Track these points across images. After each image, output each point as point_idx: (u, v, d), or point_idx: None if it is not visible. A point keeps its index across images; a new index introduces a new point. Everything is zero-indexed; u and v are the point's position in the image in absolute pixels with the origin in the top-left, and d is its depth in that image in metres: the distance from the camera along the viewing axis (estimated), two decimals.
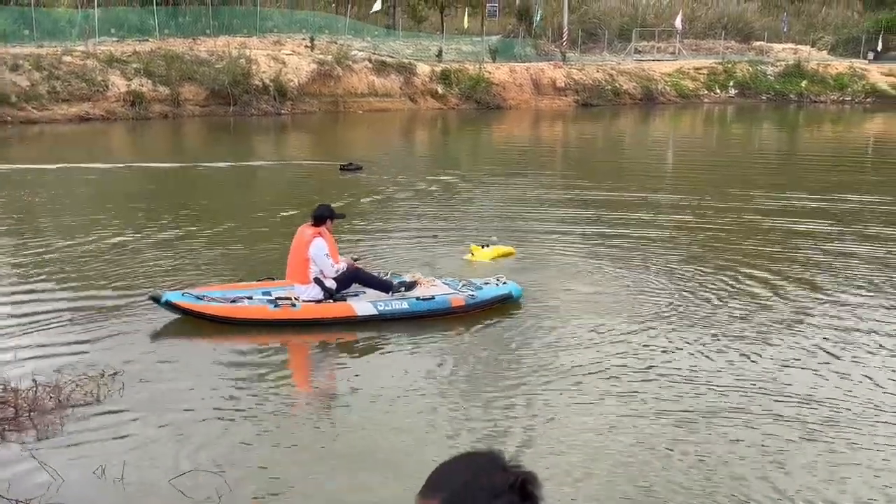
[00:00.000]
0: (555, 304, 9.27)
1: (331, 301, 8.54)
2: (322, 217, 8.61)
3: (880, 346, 8.02)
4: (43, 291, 9.35)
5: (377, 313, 8.43)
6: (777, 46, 54.71)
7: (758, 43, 55.91)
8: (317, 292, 8.51)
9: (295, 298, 8.43)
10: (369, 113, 35.28)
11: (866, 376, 7.20)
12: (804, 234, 12.82)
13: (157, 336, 8.04)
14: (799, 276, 10.34)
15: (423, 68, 38.90)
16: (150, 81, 31.12)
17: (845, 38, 57.03)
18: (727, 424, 6.25)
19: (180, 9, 38.81)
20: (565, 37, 47.08)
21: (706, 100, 45.63)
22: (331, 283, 8.56)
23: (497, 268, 10.21)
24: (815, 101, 46.08)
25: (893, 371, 7.38)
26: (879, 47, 54.04)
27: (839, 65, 49.24)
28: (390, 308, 8.50)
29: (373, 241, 12.10)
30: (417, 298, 8.64)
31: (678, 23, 50.57)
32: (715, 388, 6.93)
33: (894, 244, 12.17)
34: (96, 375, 6.82)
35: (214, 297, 8.38)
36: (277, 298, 8.45)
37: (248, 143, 26.25)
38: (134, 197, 16.00)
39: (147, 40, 34.87)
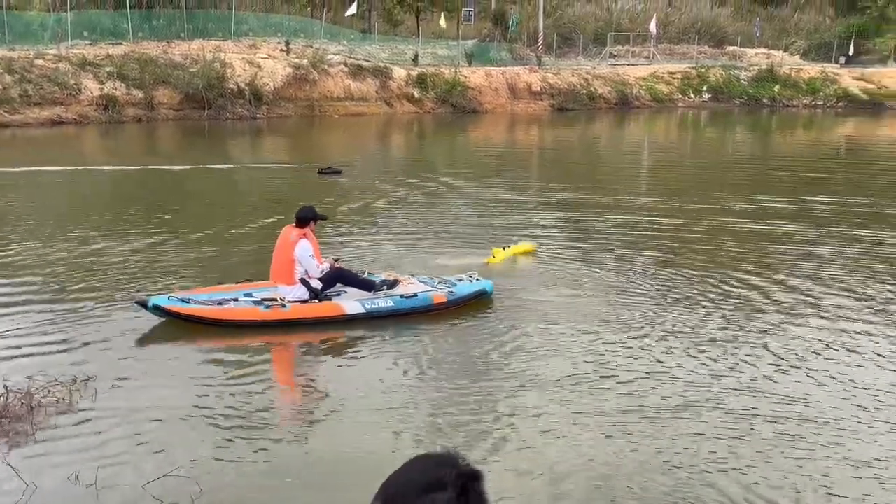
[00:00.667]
0: (531, 305, 9.29)
1: (316, 301, 8.59)
2: (306, 218, 8.65)
3: (856, 344, 8.14)
4: (13, 296, 9.24)
5: (365, 312, 8.54)
6: (750, 51, 55.26)
7: (731, 48, 56.45)
8: (302, 293, 8.57)
9: (281, 299, 8.44)
10: (345, 117, 35.22)
11: (842, 375, 7.30)
12: (778, 236, 12.98)
13: (129, 341, 7.97)
14: (773, 277, 10.43)
15: (398, 72, 38.89)
16: (123, 85, 30.89)
17: (817, 42, 57.68)
18: (697, 422, 6.30)
19: (154, 12, 38.58)
20: (541, 41, 47.26)
21: (680, 104, 45.97)
22: (316, 284, 8.63)
23: (467, 266, 10.23)
24: (788, 106, 46.56)
25: (870, 370, 7.48)
26: (851, 52, 54.73)
27: (811, 69, 49.79)
28: (377, 306, 8.63)
29: (349, 242, 12.08)
30: (401, 296, 8.79)
31: (652, 27, 50.94)
32: (688, 387, 6.98)
33: (866, 244, 12.37)
34: (69, 381, 6.75)
35: (200, 301, 8.34)
36: (263, 300, 8.46)
37: (223, 146, 26.11)
38: (108, 200, 15.88)
39: (120, 43, 34.60)
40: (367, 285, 8.90)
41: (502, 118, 38.35)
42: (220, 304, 8.37)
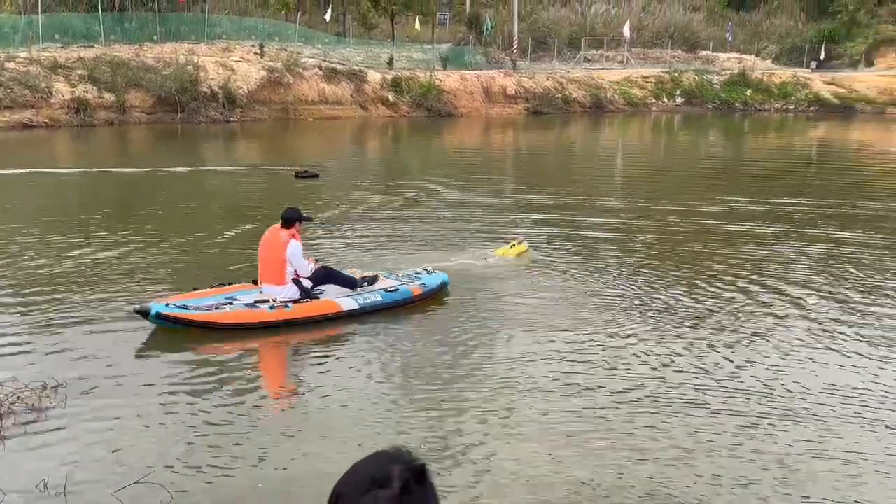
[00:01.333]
0: (503, 307, 9.31)
1: (308, 300, 8.64)
2: (292, 219, 8.71)
3: (827, 340, 8.25)
4: None
5: (358, 307, 8.76)
6: (722, 56, 55.77)
7: (704, 52, 56.94)
8: (294, 292, 8.63)
9: (273, 300, 8.45)
10: (320, 120, 35.14)
11: (815, 370, 7.37)
12: (750, 236, 13.14)
13: (100, 347, 7.86)
14: (745, 276, 10.52)
15: (373, 76, 38.86)
16: (95, 88, 30.63)
17: (789, 47, 58.35)
18: (669, 421, 6.33)
19: (126, 15, 38.28)
20: (515, 45, 47.42)
21: (654, 108, 46.32)
22: (307, 283, 8.74)
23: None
24: (760, 110, 47.05)
25: (840, 364, 7.59)
26: (822, 57, 55.38)
27: (783, 74, 50.36)
28: (368, 301, 8.86)
29: (327, 243, 12.01)
30: (385, 290, 9.08)
31: (626, 32, 51.29)
32: (658, 382, 7.01)
33: (835, 244, 12.54)
34: (38, 387, 6.66)
35: (199, 306, 8.24)
36: (256, 301, 8.46)
37: (197, 149, 25.93)
38: (79, 204, 15.71)
39: (92, 46, 34.27)
40: (351, 283, 9.07)
41: (477, 122, 38.42)
42: (217, 308, 8.28)
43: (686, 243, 12.74)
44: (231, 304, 8.44)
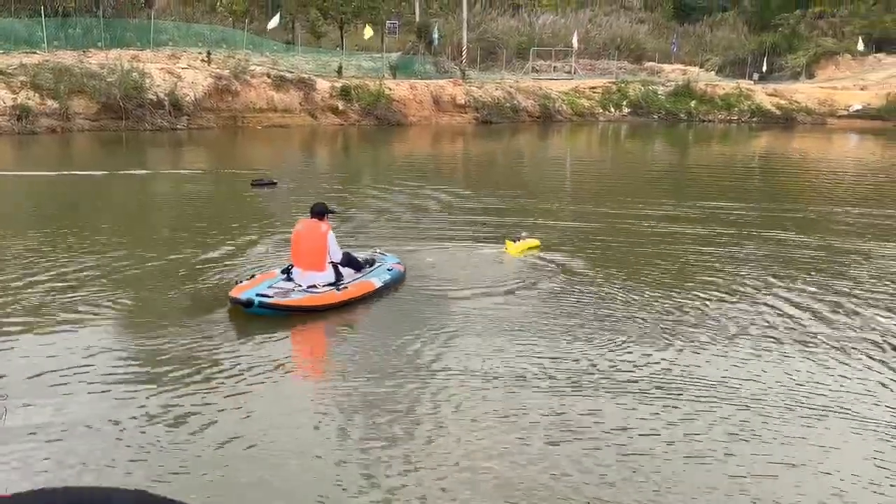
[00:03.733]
0: (453, 307, 9.33)
1: (341, 281, 9.53)
2: (322, 212, 9.62)
3: (774, 334, 8.47)
4: None
5: (382, 285, 9.76)
6: (667, 67, 56.80)
7: (649, 63, 57.95)
8: (331, 276, 9.48)
9: (314, 285, 9.27)
10: (268, 128, 34.89)
11: (765, 364, 7.52)
12: (694, 238, 13.46)
13: (34, 353, 7.68)
14: (691, 276, 10.72)
15: (322, 84, 38.73)
16: (37, 95, 30.00)
17: (732, 59, 59.63)
18: (622, 417, 6.41)
19: (70, 20, 37.56)
20: (464, 55, 47.67)
21: (601, 118, 46.89)
22: (342, 268, 9.69)
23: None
24: (704, 121, 47.90)
25: (796, 363, 7.76)
26: (764, 68, 56.67)
27: (726, 85, 51.37)
28: (386, 279, 9.90)
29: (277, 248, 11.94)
30: (389, 270, 10.17)
31: (575, 42, 52.01)
32: (616, 384, 7.08)
33: (776, 245, 12.90)
34: None
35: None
36: (308, 287, 9.23)
37: (142, 157, 25.46)
38: (19, 209, 15.38)
39: (35, 52, 33.57)
40: (360, 266, 10.07)
41: (427, 130, 38.50)
42: (287, 294, 9.01)
43: (637, 245, 13.00)
44: (293, 290, 9.15)
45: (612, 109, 48.04)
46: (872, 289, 10.65)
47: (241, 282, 9.30)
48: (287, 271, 9.60)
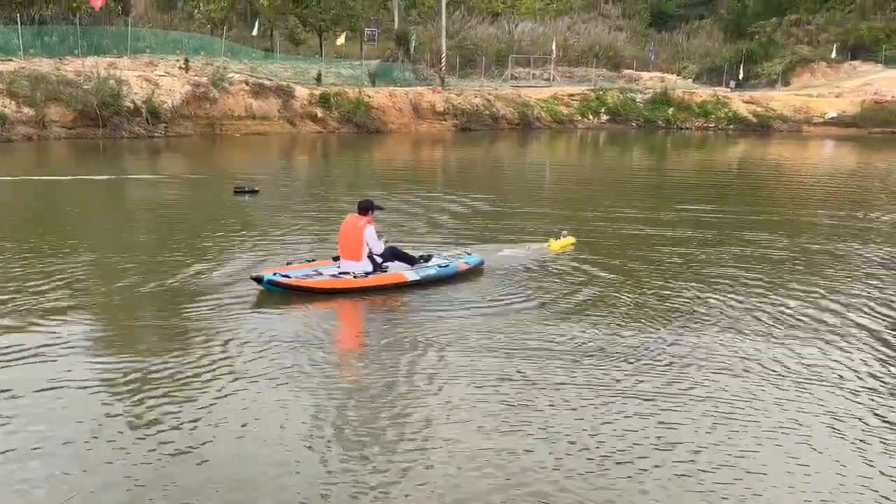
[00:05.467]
0: (430, 310, 9.35)
1: (379, 272, 10.47)
2: (367, 208, 10.60)
3: (744, 329, 8.72)
4: None
5: (419, 278, 10.54)
6: (645, 75, 57.17)
7: (627, 71, 58.31)
8: (368, 266, 10.43)
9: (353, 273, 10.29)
10: (247, 136, 34.78)
11: (734, 358, 7.60)
12: (673, 240, 13.69)
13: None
14: (667, 277, 10.85)
15: (301, 91, 38.66)
16: (13, 102, 29.81)
17: (709, 66, 60.09)
18: (596, 421, 6.44)
19: (47, 28, 37.29)
20: (443, 62, 47.75)
21: (580, 125, 47.11)
22: (379, 259, 10.58)
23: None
24: (682, 128, 48.23)
25: (761, 350, 7.94)
26: (741, 76, 57.16)
27: (703, 93, 51.74)
28: (425, 274, 10.63)
29: (273, 259, 11.88)
30: (439, 266, 10.87)
31: (554, 47, 52.27)
32: (583, 372, 7.11)
33: (751, 246, 13.29)
34: None
35: (298, 275, 10.10)
36: (340, 273, 10.31)
37: (122, 164, 25.26)
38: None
39: (10, 60, 33.30)
40: (411, 260, 10.88)
41: (407, 137, 38.52)
42: (309, 277, 10.14)
43: (618, 246, 13.32)
44: (320, 274, 10.26)
45: (591, 117, 48.26)
46: (850, 287, 10.96)
47: (290, 263, 10.71)
48: (337, 258, 10.69)
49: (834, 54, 58.06)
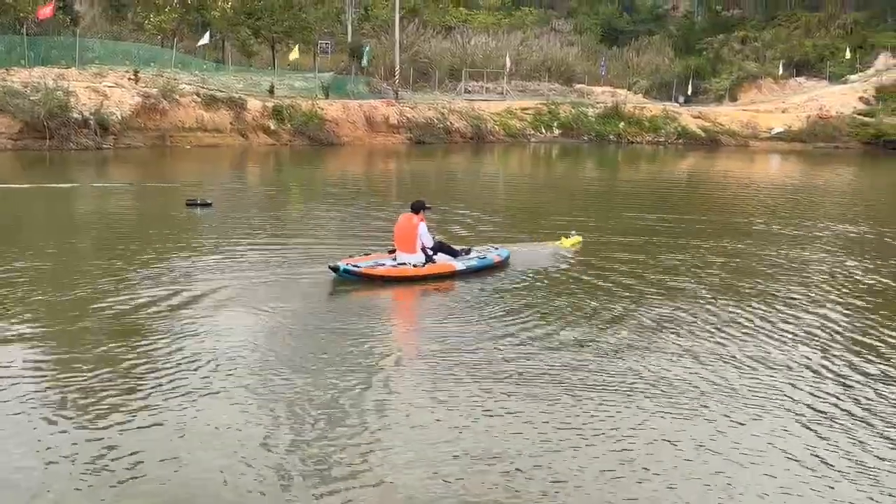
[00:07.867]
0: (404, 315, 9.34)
1: (430, 263, 11.74)
2: (418, 208, 11.99)
3: (703, 325, 8.76)
4: None
5: (465, 268, 11.93)
6: (597, 89, 57.92)
7: (579, 85, 58.99)
8: (421, 258, 11.74)
9: (403, 263, 11.65)
10: (198, 148, 34.40)
11: (703, 353, 7.71)
12: (630, 246, 13.81)
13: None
14: (626, 282, 10.99)
15: (254, 103, 38.40)
16: None
17: (659, 82, 61.09)
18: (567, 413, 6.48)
19: None
20: (397, 75, 47.83)
21: (533, 139, 47.52)
22: (430, 252, 11.88)
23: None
24: (632, 142, 48.93)
25: (726, 345, 8.07)
26: (690, 91, 58.20)
27: (653, 108, 52.56)
28: (469, 265, 12.03)
29: (228, 273, 11.76)
30: (479, 258, 12.28)
31: (508, 61, 52.67)
32: (546, 373, 7.16)
33: (702, 251, 13.38)
34: None
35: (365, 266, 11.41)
36: (399, 264, 11.62)
37: (69, 176, 24.83)
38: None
39: None
40: (455, 253, 12.30)
41: (360, 150, 38.47)
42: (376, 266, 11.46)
43: (579, 254, 13.61)
44: (382, 265, 11.56)
45: (544, 130, 48.70)
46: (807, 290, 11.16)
47: (352, 256, 11.97)
48: (393, 251, 12.02)
49: (780, 71, 59.43)
